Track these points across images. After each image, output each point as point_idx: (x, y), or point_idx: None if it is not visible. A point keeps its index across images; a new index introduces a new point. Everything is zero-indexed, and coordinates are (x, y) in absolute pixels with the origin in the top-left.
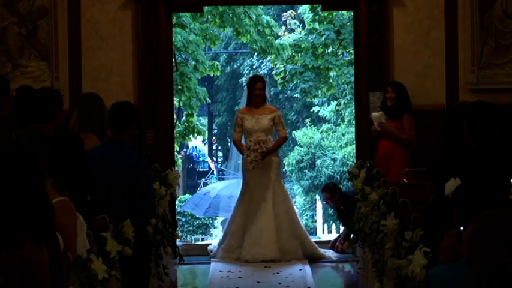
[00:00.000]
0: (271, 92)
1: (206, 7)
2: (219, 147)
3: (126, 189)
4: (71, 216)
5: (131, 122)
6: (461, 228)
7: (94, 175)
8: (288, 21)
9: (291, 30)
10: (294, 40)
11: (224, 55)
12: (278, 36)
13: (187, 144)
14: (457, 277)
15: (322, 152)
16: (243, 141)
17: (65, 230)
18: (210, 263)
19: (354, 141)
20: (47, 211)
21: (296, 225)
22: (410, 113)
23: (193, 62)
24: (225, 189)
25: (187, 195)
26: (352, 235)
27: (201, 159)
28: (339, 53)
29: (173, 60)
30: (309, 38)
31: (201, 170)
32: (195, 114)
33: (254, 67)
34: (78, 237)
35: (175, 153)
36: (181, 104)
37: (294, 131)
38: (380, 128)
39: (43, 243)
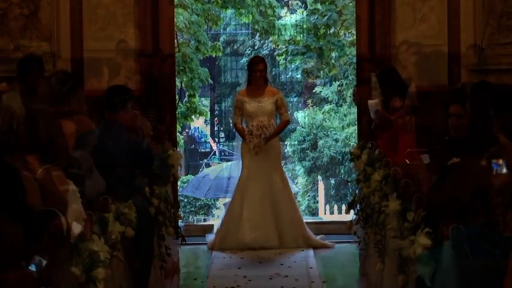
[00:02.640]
0: (273, 73)
1: None
2: (221, 128)
3: (125, 171)
4: (56, 179)
5: (125, 102)
6: None
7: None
8: (290, 2)
9: (293, 11)
10: (296, 21)
11: (224, 36)
12: (280, 17)
13: (189, 125)
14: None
15: (324, 132)
16: (243, 125)
17: (52, 194)
18: None
19: (356, 122)
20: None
21: (295, 213)
22: (399, 94)
23: (195, 43)
24: (224, 170)
25: (189, 176)
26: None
27: (203, 140)
28: (341, 34)
29: (175, 41)
30: (311, 19)
31: (203, 150)
32: (197, 95)
33: (256, 48)
34: (74, 204)
35: (177, 134)
36: (183, 85)
37: (295, 112)
38: (376, 116)
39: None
